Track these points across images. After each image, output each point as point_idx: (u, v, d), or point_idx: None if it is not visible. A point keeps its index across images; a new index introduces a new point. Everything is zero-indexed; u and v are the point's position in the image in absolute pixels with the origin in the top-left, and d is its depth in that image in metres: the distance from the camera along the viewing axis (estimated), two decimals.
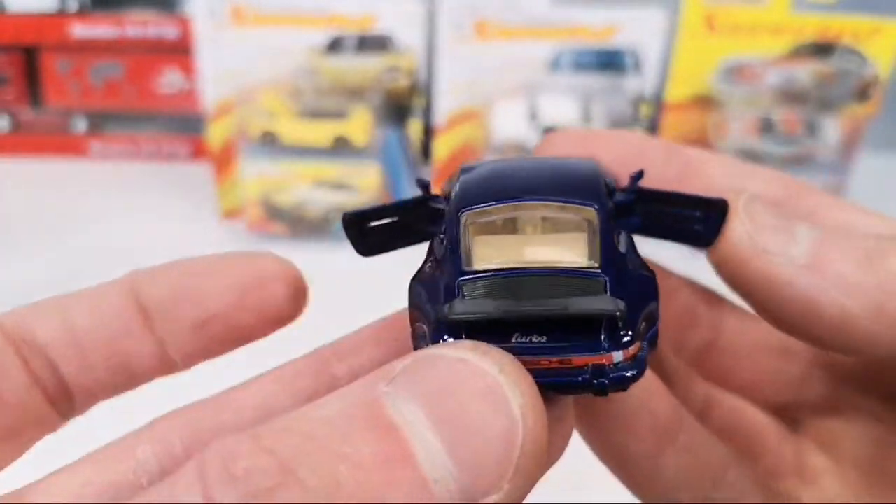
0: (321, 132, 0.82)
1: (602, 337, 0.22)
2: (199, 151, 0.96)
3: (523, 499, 0.18)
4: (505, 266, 0.23)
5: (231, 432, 0.17)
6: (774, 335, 0.32)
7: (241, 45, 0.80)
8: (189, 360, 0.28)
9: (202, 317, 0.28)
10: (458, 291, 0.22)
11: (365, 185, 0.83)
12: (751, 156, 0.83)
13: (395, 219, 0.27)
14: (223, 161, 0.85)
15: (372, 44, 0.82)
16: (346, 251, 0.27)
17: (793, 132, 0.83)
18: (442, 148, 0.85)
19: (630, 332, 0.22)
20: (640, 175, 0.28)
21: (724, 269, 0.27)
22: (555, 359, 0.22)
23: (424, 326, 0.23)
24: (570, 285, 0.22)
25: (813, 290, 0.24)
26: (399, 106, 0.84)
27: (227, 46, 0.80)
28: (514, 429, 0.18)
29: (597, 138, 0.32)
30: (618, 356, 0.22)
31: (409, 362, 0.19)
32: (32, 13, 0.90)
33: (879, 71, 0.82)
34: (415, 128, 0.85)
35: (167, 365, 0.28)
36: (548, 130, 0.81)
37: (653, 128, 0.85)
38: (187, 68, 0.90)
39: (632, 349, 0.22)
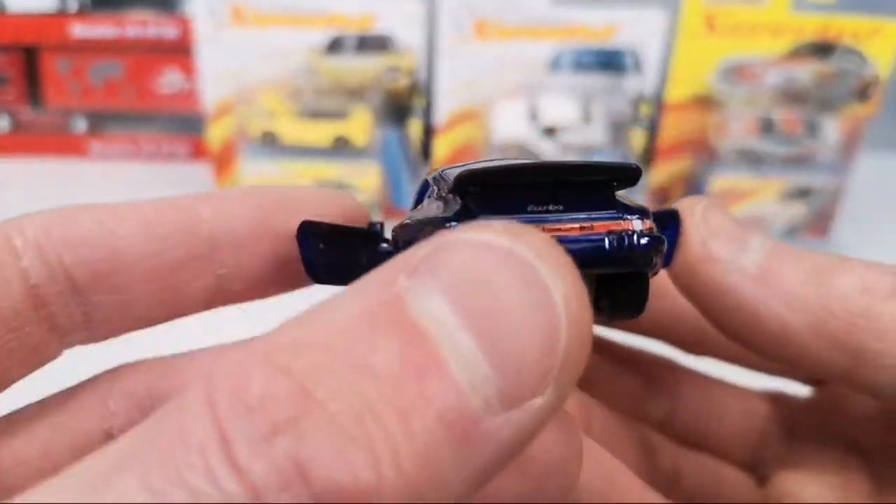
0: (321, 132, 0.82)
1: (619, 206, 0.22)
2: (199, 152, 0.96)
3: (566, 401, 0.16)
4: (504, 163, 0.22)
5: (232, 348, 0.16)
6: (732, 397, 0.33)
7: (241, 45, 0.80)
8: (252, 296, 0.26)
9: (285, 255, 0.25)
10: (460, 180, 0.21)
11: (365, 186, 0.83)
12: (751, 156, 0.83)
13: (347, 244, 0.26)
14: (223, 161, 0.85)
15: (372, 44, 0.82)
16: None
17: (793, 132, 0.83)
18: (442, 148, 0.85)
19: (645, 211, 0.22)
20: None
21: (677, 275, 0.27)
22: (576, 224, 0.21)
23: (429, 225, 0.22)
24: (565, 165, 0.22)
25: (757, 301, 0.24)
26: (399, 106, 0.84)
27: (227, 46, 0.80)
28: (557, 322, 0.15)
29: None
30: (637, 224, 0.22)
31: (431, 249, 0.16)
32: (32, 13, 0.90)
33: (880, 71, 0.82)
34: (415, 128, 0.85)
35: (223, 298, 0.25)
36: (548, 130, 0.81)
37: (653, 128, 0.85)
38: (187, 68, 0.90)
39: (648, 222, 0.22)
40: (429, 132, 0.86)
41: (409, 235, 0.23)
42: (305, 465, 0.13)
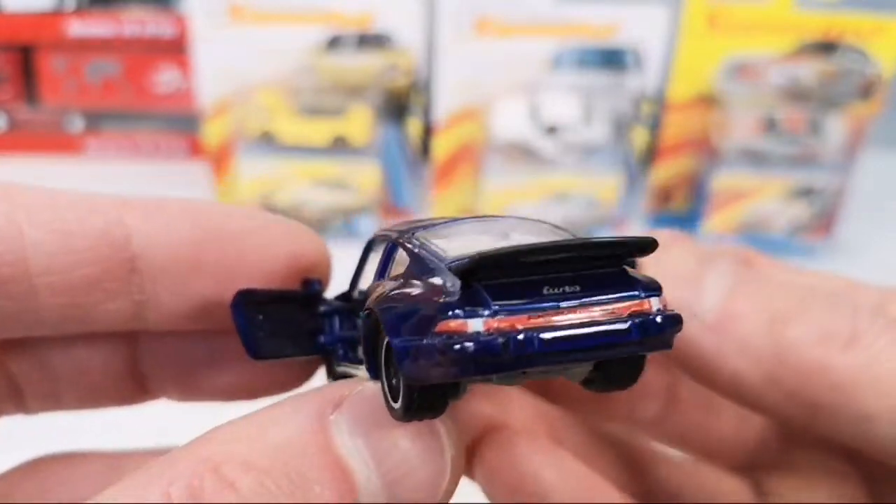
0: (320, 131, 0.81)
1: (635, 284, 0.21)
2: (196, 150, 0.95)
3: None
4: (495, 247, 0.21)
5: (181, 453, 0.18)
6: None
7: (238, 43, 0.79)
8: (168, 327, 0.24)
9: (216, 299, 0.23)
10: (458, 262, 0.20)
11: (364, 185, 0.82)
12: (754, 155, 0.82)
13: (286, 312, 0.24)
14: (220, 160, 0.85)
15: (371, 42, 0.81)
16: (345, 251, 0.26)
17: (796, 131, 0.83)
18: (442, 147, 0.84)
19: (659, 287, 0.21)
20: None
21: None
22: (598, 307, 0.20)
23: (431, 309, 0.20)
24: (582, 243, 0.21)
25: (713, 350, 0.24)
26: (398, 104, 0.83)
27: (224, 44, 0.79)
28: (443, 474, 0.20)
29: None
30: (655, 303, 0.21)
31: (355, 394, 0.20)
32: (29, 12, 0.90)
33: (883, 69, 0.81)
34: (414, 126, 0.85)
35: (135, 324, 0.23)
36: (549, 129, 0.81)
37: (655, 126, 0.85)
38: (185, 67, 0.89)
39: (663, 298, 0.21)
40: (428, 131, 0.85)
41: (398, 316, 0.21)
42: None
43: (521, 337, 0.19)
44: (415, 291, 0.21)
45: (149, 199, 0.23)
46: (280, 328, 0.24)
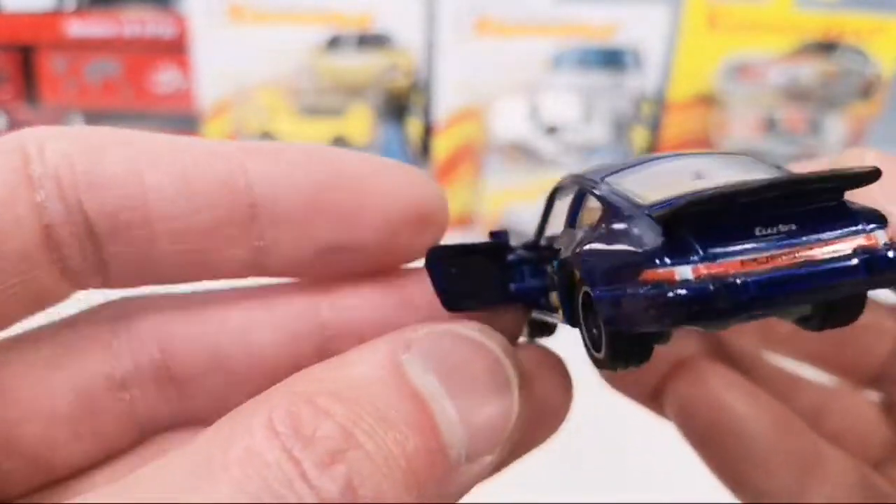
0: (320, 131, 0.81)
1: (858, 217, 0.19)
2: None
3: (505, 458, 0.22)
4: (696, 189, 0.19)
5: (276, 389, 0.19)
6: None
7: (238, 43, 0.79)
8: (288, 274, 0.23)
9: (336, 243, 0.23)
10: (661, 209, 0.19)
11: None
12: (754, 155, 0.82)
13: (480, 263, 0.24)
14: None
15: (371, 42, 0.81)
16: None
17: (796, 131, 0.83)
18: (442, 147, 0.84)
19: (883, 219, 0.19)
20: None
21: None
22: (818, 246, 0.18)
23: (636, 257, 0.19)
24: (796, 179, 0.19)
25: None
26: (398, 104, 0.83)
27: (224, 45, 0.79)
28: (512, 406, 0.21)
29: None
30: (881, 236, 0.19)
31: (423, 334, 0.21)
32: (29, 12, 0.90)
33: (883, 69, 0.81)
34: (414, 126, 0.85)
35: (256, 271, 0.23)
36: (549, 129, 0.81)
37: (655, 126, 0.85)
38: (184, 67, 0.89)
39: (890, 230, 0.19)
40: (428, 131, 0.85)
41: (597, 265, 0.20)
42: (354, 484, 0.18)
43: (736, 282, 0.18)
44: (612, 239, 0.20)
45: (269, 144, 0.22)
46: (472, 280, 0.24)
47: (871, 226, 0.19)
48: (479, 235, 0.83)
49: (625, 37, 0.80)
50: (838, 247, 0.19)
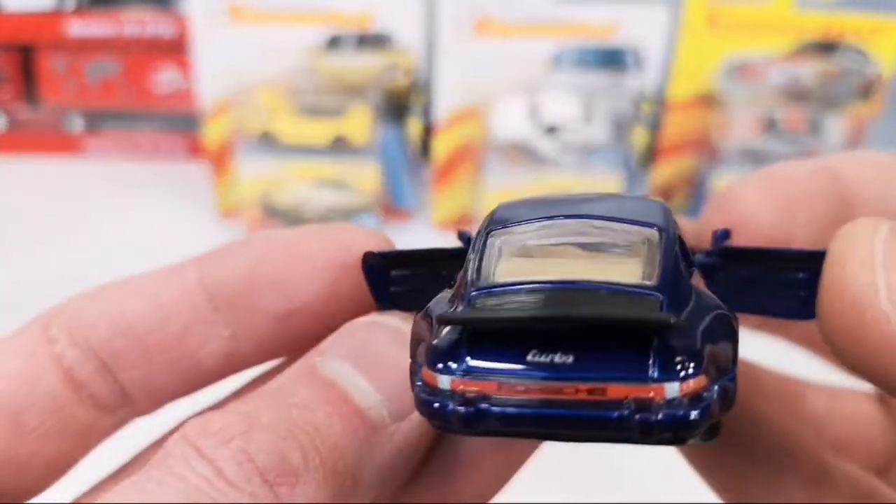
0: (320, 131, 0.81)
1: (650, 361, 0.16)
2: (196, 150, 0.95)
3: None
4: (533, 279, 0.18)
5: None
6: (844, 399, 0.32)
7: (238, 43, 0.79)
8: (264, 356, 0.25)
9: (286, 308, 0.24)
10: (469, 302, 0.18)
11: (364, 185, 0.82)
12: (754, 155, 0.82)
13: (424, 269, 0.23)
14: (221, 160, 0.85)
15: (371, 42, 0.81)
16: None
17: (796, 131, 0.83)
18: (442, 147, 0.84)
19: (693, 364, 0.17)
20: (725, 234, 0.23)
21: (856, 364, 0.20)
22: (583, 386, 0.16)
23: (421, 353, 0.19)
24: (610, 300, 0.17)
25: None
26: (398, 104, 0.83)
27: (224, 44, 0.79)
28: None
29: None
30: (672, 389, 0.16)
31: (334, 335, 0.23)
32: (29, 11, 0.90)
33: (883, 69, 0.81)
34: (414, 126, 0.85)
35: (238, 361, 0.25)
36: (549, 129, 0.81)
37: (655, 126, 0.85)
38: (184, 67, 0.89)
39: (693, 383, 0.16)
40: (428, 131, 0.85)
41: (418, 336, 0.20)
42: (252, 453, 0.18)
43: (476, 406, 0.17)
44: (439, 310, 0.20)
45: (219, 247, 0.25)
46: (416, 281, 0.23)
47: (662, 374, 0.16)
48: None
49: (625, 37, 0.80)
50: (604, 391, 0.16)
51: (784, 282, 0.21)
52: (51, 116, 0.96)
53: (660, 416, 0.16)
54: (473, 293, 0.18)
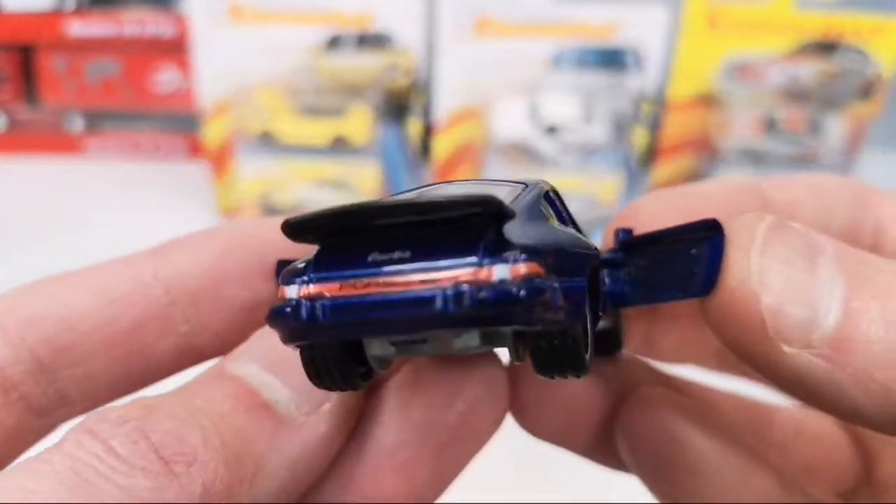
0: (320, 131, 0.81)
1: (482, 248, 0.17)
2: (196, 150, 0.95)
3: (353, 406, 0.22)
4: (394, 200, 0.18)
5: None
6: None
7: (238, 43, 0.79)
8: (224, 350, 0.24)
9: (252, 300, 0.24)
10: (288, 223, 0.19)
11: (364, 184, 0.82)
12: (753, 155, 0.82)
13: None
14: (220, 160, 0.85)
15: (371, 42, 0.81)
16: None
17: (796, 131, 0.83)
18: (442, 146, 0.84)
19: (525, 254, 0.17)
20: (627, 232, 0.23)
21: (726, 337, 0.21)
22: (417, 276, 0.17)
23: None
24: (450, 204, 0.17)
25: (830, 386, 0.20)
26: (398, 104, 0.83)
27: (224, 44, 0.79)
28: None
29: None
30: (501, 271, 0.17)
31: (246, 342, 0.22)
32: (29, 12, 0.90)
33: (883, 69, 0.81)
34: (414, 126, 0.85)
35: (194, 356, 0.25)
36: (549, 129, 0.81)
37: (655, 126, 0.85)
38: (185, 67, 0.89)
39: (525, 267, 0.17)
40: (428, 131, 0.85)
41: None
42: (147, 432, 0.19)
43: (312, 305, 0.18)
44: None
45: (174, 238, 0.25)
46: None
47: (491, 260, 0.17)
48: None
49: (625, 37, 0.80)
50: (436, 278, 0.17)
51: (679, 262, 0.21)
52: (51, 116, 0.96)
53: (486, 294, 0.16)
54: (298, 218, 0.19)
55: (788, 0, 0.79)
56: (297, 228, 0.18)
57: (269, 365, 0.22)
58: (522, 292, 0.16)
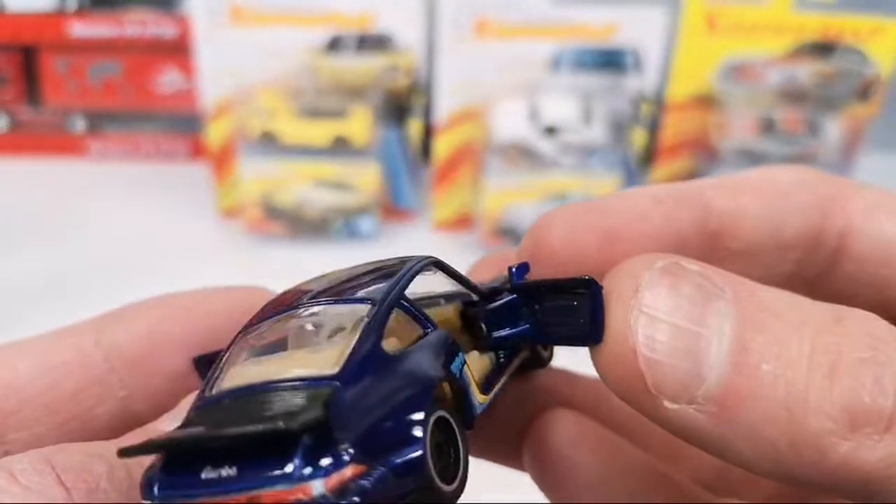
0: (320, 132, 0.82)
1: (297, 462, 0.17)
2: (198, 151, 0.95)
3: None
4: (235, 386, 0.19)
5: None
6: None
7: (240, 44, 0.80)
8: (159, 414, 0.25)
9: (185, 367, 0.25)
10: (188, 417, 0.20)
11: (364, 185, 0.83)
12: (752, 156, 0.83)
13: None
14: (222, 161, 0.85)
15: (371, 43, 0.81)
16: (345, 251, 0.26)
17: (794, 132, 0.83)
18: (442, 147, 0.85)
19: (339, 456, 0.17)
20: (522, 269, 0.23)
21: (614, 389, 0.21)
22: (242, 497, 0.17)
23: None
24: (276, 401, 0.18)
25: (717, 441, 0.19)
26: (399, 105, 0.84)
27: (226, 46, 0.79)
28: None
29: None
30: (317, 486, 0.16)
31: (174, 409, 0.23)
32: (31, 13, 0.90)
33: (880, 70, 0.82)
34: (415, 127, 0.85)
35: (132, 421, 0.25)
36: (549, 130, 0.81)
37: (653, 127, 0.85)
38: (186, 68, 0.90)
39: (347, 471, 0.17)
40: (429, 131, 0.86)
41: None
42: (52, 462, 0.19)
43: None
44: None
45: (118, 308, 0.25)
46: None
47: (305, 474, 0.17)
48: (479, 237, 0.84)
49: (624, 37, 0.81)
50: (260, 499, 0.17)
51: (568, 312, 0.21)
52: (53, 117, 0.96)
53: None
54: (194, 409, 0.20)
55: (787, 1, 0.79)
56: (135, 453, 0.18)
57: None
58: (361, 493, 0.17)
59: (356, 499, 0.17)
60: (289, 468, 0.17)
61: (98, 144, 0.97)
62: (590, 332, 0.20)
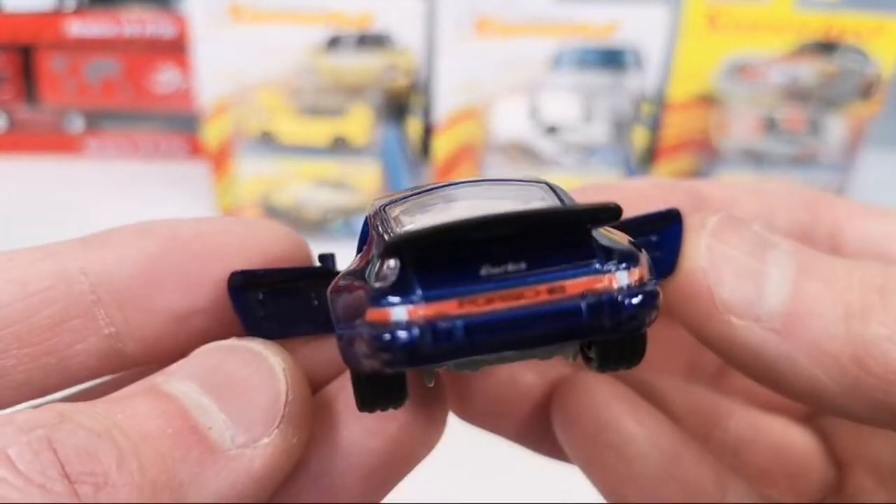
0: (320, 131, 0.81)
1: (597, 255, 0.17)
2: (196, 150, 0.95)
3: (294, 444, 0.20)
4: (457, 218, 0.18)
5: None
6: None
7: (238, 43, 0.79)
8: (150, 358, 0.22)
9: (188, 308, 0.22)
10: (393, 237, 0.18)
11: (364, 185, 0.82)
12: (753, 155, 0.83)
13: (293, 293, 0.22)
14: (220, 160, 0.85)
15: (371, 42, 0.81)
16: (345, 252, 0.25)
17: (796, 131, 0.83)
18: (442, 147, 0.84)
19: (632, 257, 0.18)
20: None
21: (683, 318, 0.22)
22: (542, 287, 0.17)
23: (356, 301, 0.18)
24: (518, 216, 0.17)
25: (782, 359, 0.21)
26: (398, 104, 0.83)
27: (224, 44, 0.79)
28: (278, 385, 0.20)
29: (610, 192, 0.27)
30: (623, 277, 0.17)
31: (186, 358, 0.21)
32: (29, 12, 0.90)
33: (883, 69, 0.81)
34: (414, 126, 0.85)
35: (117, 362, 0.22)
36: (550, 129, 0.81)
37: (655, 126, 0.85)
38: (185, 66, 0.89)
39: (638, 271, 0.18)
40: (428, 131, 0.85)
41: (343, 300, 0.19)
42: (55, 445, 0.17)
43: (442, 326, 0.17)
44: (363, 272, 0.19)
45: (102, 232, 0.22)
46: (286, 306, 0.22)
47: (610, 265, 0.17)
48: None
49: (625, 37, 0.80)
50: (563, 288, 0.17)
51: (647, 247, 0.22)
52: (51, 116, 0.96)
53: (622, 300, 0.17)
54: (392, 239, 0.18)
55: (788, 0, 0.79)
56: (402, 246, 0.17)
57: (210, 386, 0.20)
58: (651, 299, 0.17)
59: (644, 297, 0.17)
60: (593, 260, 0.17)
61: (96, 143, 0.97)
62: (665, 264, 0.22)
